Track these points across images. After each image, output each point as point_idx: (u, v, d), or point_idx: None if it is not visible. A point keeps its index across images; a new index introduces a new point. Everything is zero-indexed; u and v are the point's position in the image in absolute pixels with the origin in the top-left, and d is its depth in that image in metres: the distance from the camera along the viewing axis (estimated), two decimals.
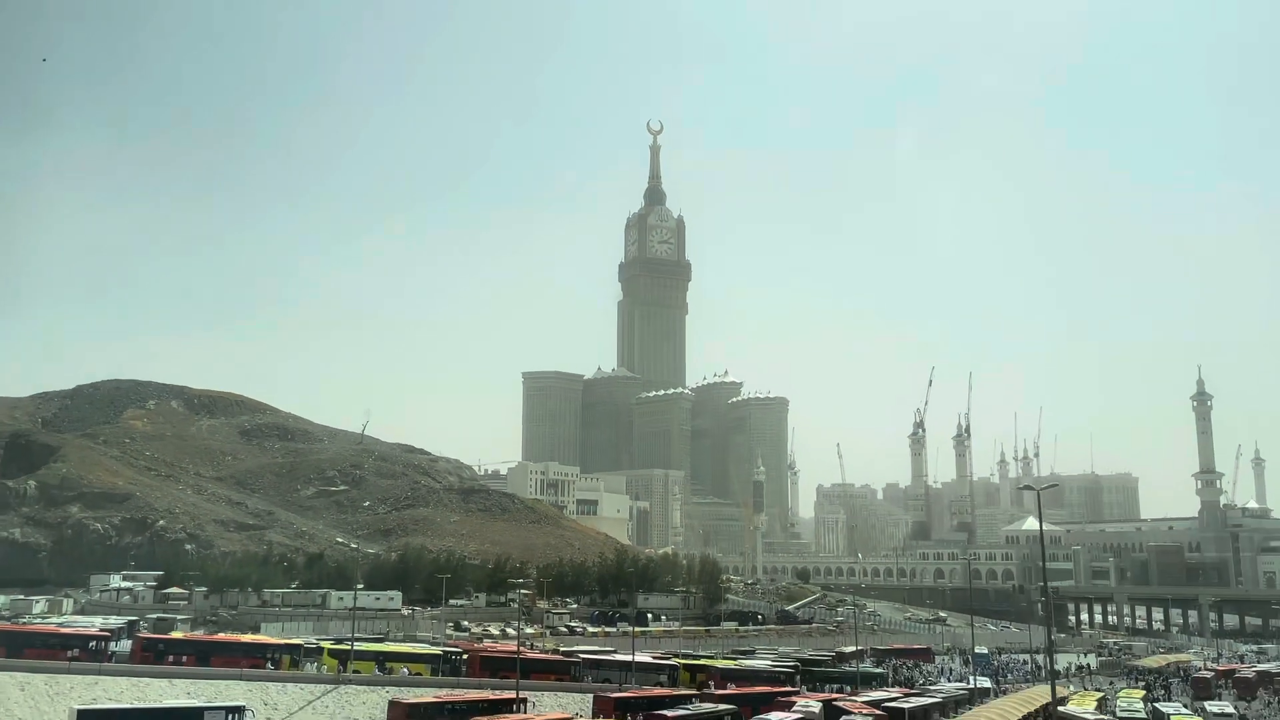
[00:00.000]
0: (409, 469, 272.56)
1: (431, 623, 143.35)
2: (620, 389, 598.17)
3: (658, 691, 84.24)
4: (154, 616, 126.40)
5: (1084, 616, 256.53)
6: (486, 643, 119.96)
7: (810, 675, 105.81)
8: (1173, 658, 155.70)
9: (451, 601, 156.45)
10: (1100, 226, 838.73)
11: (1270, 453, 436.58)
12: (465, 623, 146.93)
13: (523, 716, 70.51)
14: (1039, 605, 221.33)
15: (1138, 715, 79.06)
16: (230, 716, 67.30)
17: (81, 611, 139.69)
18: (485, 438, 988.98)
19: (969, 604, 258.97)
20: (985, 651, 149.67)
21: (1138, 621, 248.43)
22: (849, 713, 72.50)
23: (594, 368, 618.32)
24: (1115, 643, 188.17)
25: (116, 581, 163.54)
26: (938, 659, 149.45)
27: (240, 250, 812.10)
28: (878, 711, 73.99)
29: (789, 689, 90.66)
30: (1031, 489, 53.90)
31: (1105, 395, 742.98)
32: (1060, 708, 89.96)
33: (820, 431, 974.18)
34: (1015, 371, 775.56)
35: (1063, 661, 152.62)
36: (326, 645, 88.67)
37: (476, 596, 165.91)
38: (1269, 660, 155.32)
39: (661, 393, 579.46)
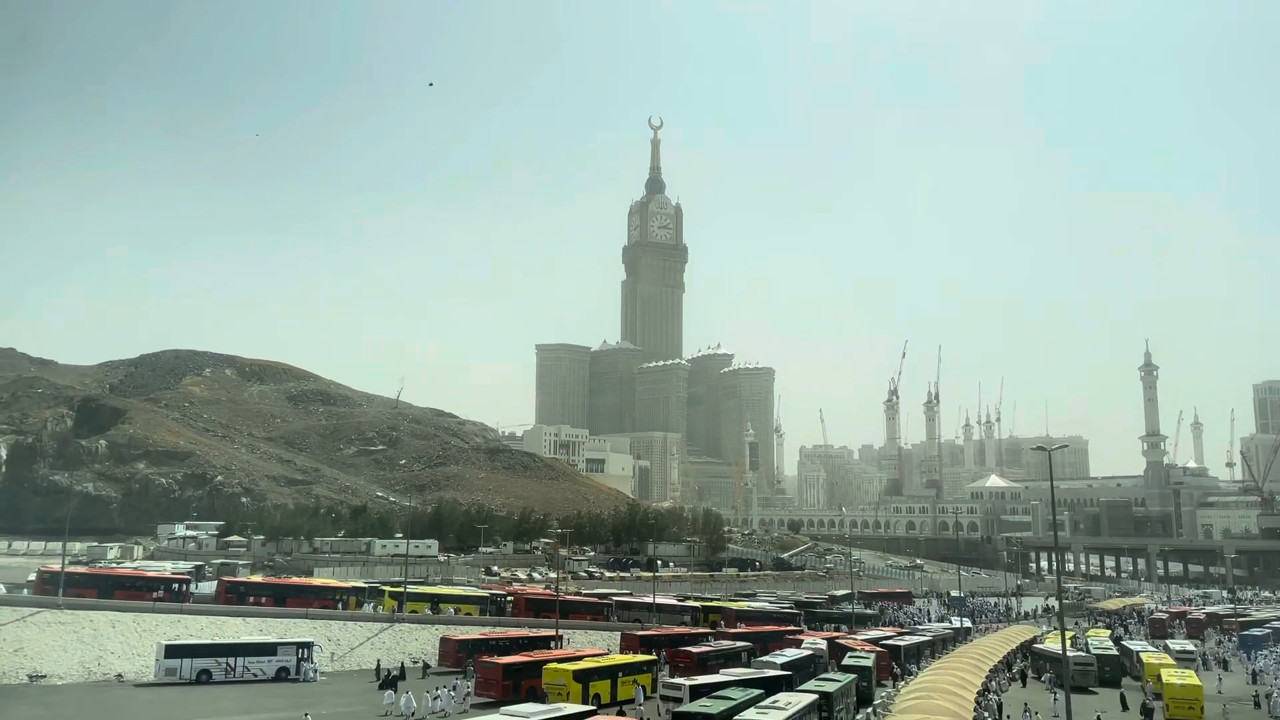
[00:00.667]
0: (440, 430, 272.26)
1: (466, 568, 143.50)
2: (624, 360, 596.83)
3: (677, 630, 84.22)
4: (218, 562, 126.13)
5: (1044, 564, 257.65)
6: (515, 585, 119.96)
7: (812, 616, 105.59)
8: (1127, 601, 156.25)
9: (481, 549, 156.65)
10: (1062, 214, 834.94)
11: (1207, 418, 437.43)
12: (495, 568, 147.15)
13: (559, 651, 70.50)
14: (1004, 554, 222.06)
15: (1110, 651, 78.98)
16: (300, 650, 67.51)
17: (151, 557, 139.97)
18: (504, 403, 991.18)
19: (940, 552, 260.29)
20: (960, 595, 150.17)
21: (1091, 568, 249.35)
22: (852, 649, 72.35)
23: (600, 341, 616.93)
24: (1075, 587, 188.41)
25: (181, 530, 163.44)
26: (917, 601, 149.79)
27: (288, 233, 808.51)
28: (878, 649, 73.82)
29: (794, 628, 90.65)
30: (1043, 449, 52.84)
31: (1059, 365, 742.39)
32: (1036, 645, 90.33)
33: (803, 397, 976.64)
34: (980, 344, 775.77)
35: (1029, 604, 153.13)
36: (386, 589, 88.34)
37: (504, 545, 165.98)
38: (1214, 604, 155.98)
39: (661, 363, 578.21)
